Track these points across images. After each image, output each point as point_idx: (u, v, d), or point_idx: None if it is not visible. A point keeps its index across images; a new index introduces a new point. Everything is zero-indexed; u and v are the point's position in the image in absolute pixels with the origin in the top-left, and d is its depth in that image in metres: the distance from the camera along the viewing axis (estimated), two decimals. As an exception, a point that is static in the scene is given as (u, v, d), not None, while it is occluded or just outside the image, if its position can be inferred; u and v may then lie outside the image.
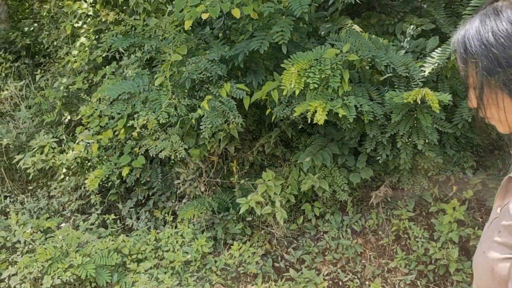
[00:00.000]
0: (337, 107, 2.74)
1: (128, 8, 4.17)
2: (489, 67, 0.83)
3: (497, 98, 0.86)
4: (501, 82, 0.83)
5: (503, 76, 0.82)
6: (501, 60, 0.81)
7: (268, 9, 2.94)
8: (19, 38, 5.99)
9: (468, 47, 0.86)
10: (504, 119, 0.88)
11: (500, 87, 0.84)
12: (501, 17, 0.83)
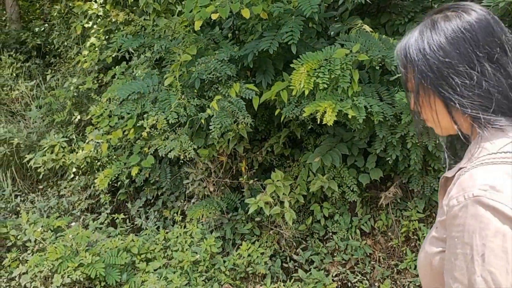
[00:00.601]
0: (347, 108, 2.73)
1: (137, 8, 4.19)
2: (423, 72, 0.94)
3: (430, 100, 0.96)
4: (433, 85, 0.93)
5: (435, 80, 0.93)
6: (433, 66, 0.92)
7: (278, 9, 2.93)
8: (30, 38, 6.05)
9: (408, 54, 0.97)
10: (437, 120, 0.98)
11: (432, 90, 0.94)
12: (436, 28, 0.94)
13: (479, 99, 0.90)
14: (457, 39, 0.91)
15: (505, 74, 0.90)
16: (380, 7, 3.67)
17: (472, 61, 0.90)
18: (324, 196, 3.54)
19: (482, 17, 0.93)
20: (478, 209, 0.83)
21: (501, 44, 0.91)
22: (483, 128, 0.92)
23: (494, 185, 0.84)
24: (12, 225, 3.48)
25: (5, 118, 5.05)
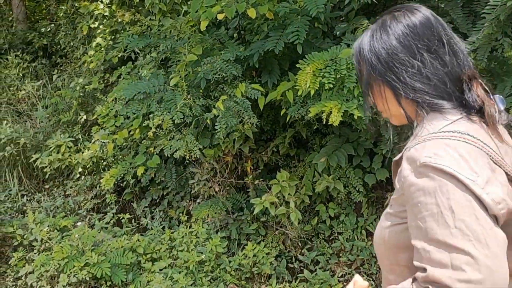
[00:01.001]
0: (353, 108, 2.71)
1: (143, 8, 4.20)
2: (373, 64, 1.07)
3: (380, 89, 1.09)
4: (381, 75, 1.06)
5: (382, 70, 1.05)
6: (381, 58, 1.05)
7: (284, 9, 2.93)
8: (36, 38, 6.08)
9: (361, 51, 1.11)
10: (387, 108, 1.11)
11: (381, 80, 1.07)
12: (385, 27, 1.07)
13: (420, 85, 1.03)
14: (401, 34, 1.04)
15: (442, 63, 1.03)
16: (386, 7, 3.66)
17: (413, 52, 1.03)
18: (330, 197, 3.53)
19: (423, 15, 1.06)
20: (431, 171, 0.92)
21: (439, 37, 1.04)
22: (425, 112, 1.04)
23: (437, 152, 0.93)
24: (19, 224, 3.50)
25: (11, 118, 5.08)
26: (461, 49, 1.07)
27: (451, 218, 0.87)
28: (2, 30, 6.21)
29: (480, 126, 1.01)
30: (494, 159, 0.96)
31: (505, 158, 1.01)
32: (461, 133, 0.96)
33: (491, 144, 0.98)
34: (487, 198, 0.89)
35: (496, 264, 0.85)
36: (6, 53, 5.87)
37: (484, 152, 0.96)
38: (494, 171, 0.95)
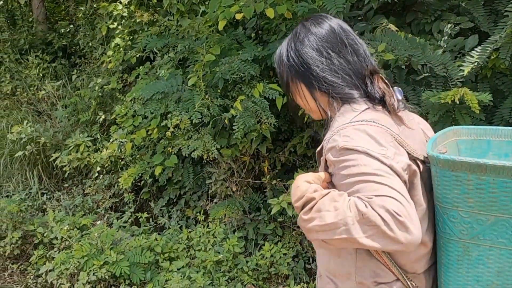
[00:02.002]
0: (372, 108, 2.70)
1: (161, 9, 4.22)
2: (290, 66, 1.26)
3: (298, 88, 1.27)
4: (297, 74, 1.25)
5: (298, 70, 1.24)
6: (296, 60, 1.24)
7: (302, 9, 2.91)
8: (56, 39, 6.17)
9: (281, 56, 1.30)
10: (307, 104, 1.29)
11: (298, 79, 1.26)
12: (298, 34, 1.26)
13: (330, 77, 1.21)
14: (311, 39, 1.23)
15: (346, 61, 1.22)
16: (405, 6, 3.62)
17: (321, 52, 1.22)
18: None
19: (328, 24, 1.25)
20: (348, 151, 1.08)
21: (342, 41, 1.23)
22: (336, 104, 1.22)
23: (350, 135, 1.10)
24: (39, 222, 3.55)
25: (32, 118, 5.16)
26: (363, 49, 1.26)
27: (377, 182, 1.02)
28: (23, 31, 6.31)
29: (383, 114, 1.19)
30: (397, 140, 1.14)
31: (407, 140, 1.18)
32: (367, 121, 1.14)
33: (394, 128, 1.17)
34: (397, 167, 1.06)
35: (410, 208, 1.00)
36: (26, 54, 5.96)
37: (389, 133, 1.13)
38: (398, 149, 1.12)
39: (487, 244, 1.08)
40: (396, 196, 0.99)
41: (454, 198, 1.09)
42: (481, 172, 1.04)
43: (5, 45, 5.98)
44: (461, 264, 1.12)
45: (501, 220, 1.04)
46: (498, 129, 1.33)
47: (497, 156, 1.33)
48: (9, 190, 4.58)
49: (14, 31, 6.35)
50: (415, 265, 1.17)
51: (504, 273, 1.08)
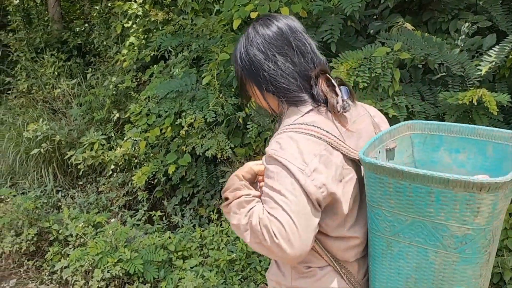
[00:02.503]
0: (388, 107, 2.67)
1: (176, 8, 4.24)
2: (242, 67, 1.30)
3: (251, 88, 1.32)
4: (249, 76, 1.29)
5: (249, 71, 1.28)
6: (247, 62, 1.28)
7: (317, 8, 2.90)
8: (71, 38, 6.22)
9: (236, 57, 1.33)
10: (260, 102, 1.34)
11: (250, 80, 1.30)
12: (248, 36, 1.30)
13: (277, 79, 1.25)
14: (259, 42, 1.26)
15: (292, 63, 1.25)
16: (422, 5, 3.58)
17: (267, 55, 1.25)
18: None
19: (276, 24, 1.28)
20: (273, 160, 1.17)
21: (289, 43, 1.25)
22: (284, 105, 1.27)
23: (281, 145, 1.18)
24: (54, 219, 3.59)
25: (47, 116, 5.21)
26: (310, 49, 1.28)
27: (279, 194, 1.14)
28: (39, 29, 6.37)
29: (325, 116, 1.24)
30: (333, 145, 1.20)
31: (348, 140, 1.25)
32: (307, 125, 1.20)
33: (334, 130, 1.23)
34: (310, 185, 1.14)
35: (295, 233, 1.11)
36: (42, 52, 6.02)
37: (323, 140, 1.19)
38: (332, 154, 1.19)
39: (406, 241, 1.17)
40: (284, 220, 1.11)
41: (378, 198, 1.18)
42: (399, 177, 1.11)
43: (21, 44, 6.04)
44: (385, 258, 1.22)
45: (417, 221, 1.13)
46: (451, 125, 1.38)
47: (448, 151, 1.39)
48: (24, 187, 4.64)
49: (30, 30, 6.42)
50: (346, 254, 1.28)
51: (421, 268, 1.17)
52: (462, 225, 1.08)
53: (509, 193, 1.09)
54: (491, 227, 1.09)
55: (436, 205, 1.09)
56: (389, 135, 1.35)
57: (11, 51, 6.16)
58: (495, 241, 1.16)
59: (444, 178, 1.04)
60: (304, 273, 1.29)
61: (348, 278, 1.29)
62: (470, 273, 1.13)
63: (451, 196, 1.06)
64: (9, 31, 6.35)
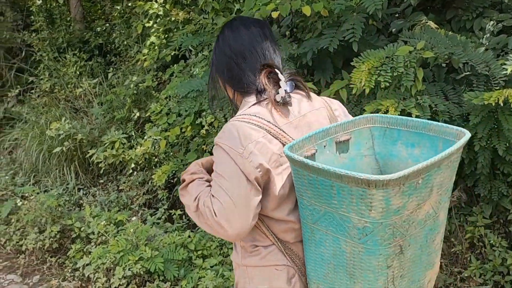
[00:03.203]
0: (410, 107, 2.63)
1: (196, 7, 4.25)
2: (212, 64, 1.50)
3: (220, 82, 1.50)
4: (218, 72, 1.49)
5: (217, 69, 1.48)
6: (215, 61, 1.48)
7: (339, 7, 2.87)
8: (92, 37, 6.30)
9: (212, 55, 1.51)
10: (224, 92, 1.51)
11: (218, 75, 1.49)
12: (217, 41, 1.47)
13: (235, 81, 1.43)
14: (223, 44, 1.44)
15: (246, 62, 1.41)
16: (445, 3, 3.52)
17: (231, 57, 1.42)
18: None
19: (240, 28, 1.44)
20: (217, 147, 1.34)
21: (251, 45, 1.41)
22: (239, 97, 1.46)
23: (224, 132, 1.34)
24: (76, 217, 3.64)
25: (69, 115, 5.29)
26: (262, 47, 1.42)
27: (220, 179, 1.29)
28: (61, 29, 6.47)
29: (266, 108, 1.37)
30: (272, 133, 1.33)
31: (291, 131, 1.37)
32: (250, 115, 1.35)
33: (275, 121, 1.35)
34: (248, 166, 1.27)
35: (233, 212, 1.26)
36: (64, 52, 6.11)
37: (263, 129, 1.32)
38: (270, 142, 1.32)
39: (323, 230, 1.25)
40: (224, 200, 1.26)
41: (299, 188, 1.28)
42: (308, 171, 1.19)
43: (44, 44, 6.14)
44: (311, 243, 1.32)
45: (328, 212, 1.21)
46: (408, 120, 1.41)
47: (405, 145, 1.43)
48: (47, 185, 4.71)
49: (52, 30, 6.52)
50: (286, 236, 1.39)
51: (337, 256, 1.24)
52: (361, 218, 1.13)
53: (410, 190, 1.11)
54: (390, 221, 1.12)
55: (337, 198, 1.15)
56: (341, 128, 1.41)
57: (35, 51, 6.27)
58: (412, 236, 1.19)
59: (339, 173, 1.10)
60: (251, 251, 1.41)
61: (292, 258, 1.40)
62: (375, 264, 1.17)
63: (348, 190, 1.12)
64: (32, 31, 6.46)
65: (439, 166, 1.15)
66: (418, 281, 1.30)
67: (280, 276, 1.39)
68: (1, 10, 6.76)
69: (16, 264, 3.69)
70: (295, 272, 1.40)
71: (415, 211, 1.16)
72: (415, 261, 1.24)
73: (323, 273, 1.31)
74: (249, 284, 1.44)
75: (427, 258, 1.28)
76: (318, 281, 1.34)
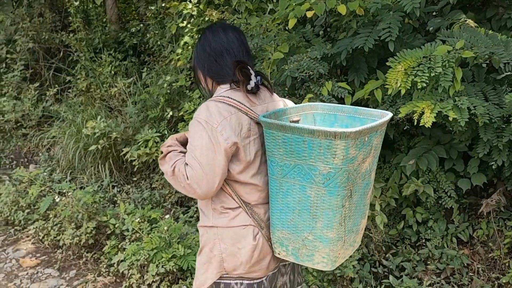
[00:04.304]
0: (447, 109, 2.56)
1: (229, 7, 4.27)
2: (196, 60, 1.75)
3: (200, 74, 1.76)
4: (199, 65, 1.74)
5: (198, 63, 1.74)
6: (197, 57, 1.74)
7: (375, 5, 2.83)
8: (127, 38, 6.41)
9: (194, 53, 1.78)
10: (203, 84, 1.77)
11: (198, 68, 1.75)
12: (200, 40, 1.74)
13: (214, 73, 1.70)
14: (204, 43, 1.71)
15: (222, 58, 1.68)
16: (485, 1, 3.42)
17: (210, 54, 1.69)
18: (417, 201, 3.37)
19: (219, 31, 1.71)
20: (195, 122, 1.59)
21: (228, 46, 1.68)
22: (215, 86, 1.73)
23: (200, 109, 1.61)
24: (111, 214, 3.71)
25: (105, 113, 5.40)
26: (237, 48, 1.69)
27: (193, 149, 1.57)
28: (97, 30, 6.62)
29: (240, 93, 1.65)
30: (242, 111, 1.61)
31: (256, 111, 1.65)
32: (223, 96, 1.62)
33: (244, 102, 1.63)
34: (219, 137, 1.54)
35: (202, 177, 1.54)
36: (100, 52, 6.25)
37: (233, 107, 1.60)
38: (240, 118, 1.60)
39: (291, 181, 1.55)
40: (195, 166, 1.54)
41: (272, 149, 1.57)
42: (284, 131, 1.50)
43: (81, 44, 6.30)
44: (278, 195, 1.60)
45: (298, 164, 1.52)
46: (342, 107, 1.81)
47: (340, 127, 1.78)
48: (83, 181, 4.83)
49: (89, 31, 6.68)
50: (250, 197, 1.65)
51: (302, 201, 1.54)
52: (326, 165, 1.46)
53: (360, 145, 1.46)
54: (347, 167, 1.47)
55: (308, 151, 1.47)
56: (294, 111, 1.78)
57: (72, 51, 6.44)
58: (357, 184, 1.55)
59: (311, 129, 1.43)
60: (221, 213, 1.65)
61: (254, 217, 1.65)
62: (334, 203, 1.50)
63: (317, 143, 1.44)
64: (70, 32, 6.64)
65: (376, 130, 1.54)
66: (358, 225, 1.66)
67: (247, 234, 1.64)
68: (41, 11, 6.97)
69: (54, 259, 3.79)
70: (258, 230, 1.65)
71: (361, 164, 1.52)
72: (357, 206, 1.60)
73: (288, 219, 1.59)
74: (219, 244, 1.66)
75: (363, 208, 1.66)
76: (282, 228, 1.62)
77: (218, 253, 1.66)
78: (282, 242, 1.64)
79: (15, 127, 6.23)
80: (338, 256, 1.60)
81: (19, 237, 4.18)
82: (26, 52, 6.55)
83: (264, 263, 1.68)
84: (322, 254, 1.57)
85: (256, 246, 1.64)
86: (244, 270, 1.65)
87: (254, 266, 1.66)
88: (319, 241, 1.55)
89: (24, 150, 6.10)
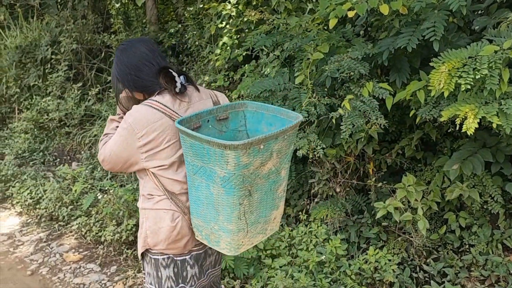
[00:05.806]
0: (491, 114, 2.44)
1: (268, 7, 4.27)
2: (114, 75, 1.94)
3: (129, 93, 1.94)
4: (122, 81, 1.92)
5: (119, 78, 1.92)
6: (117, 74, 1.92)
7: (419, 4, 2.76)
8: (166, 38, 6.51)
9: (114, 73, 1.94)
10: (136, 98, 1.95)
11: (125, 86, 1.92)
12: (116, 58, 1.92)
13: (141, 87, 1.89)
14: (118, 63, 1.90)
15: (145, 73, 1.86)
16: (535, -3, 3.27)
17: (129, 73, 1.87)
18: (460, 205, 3.28)
19: (127, 49, 1.89)
20: (126, 117, 1.81)
21: (143, 59, 1.86)
22: (146, 95, 1.91)
23: (131, 110, 1.81)
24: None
25: (144, 113, 5.50)
26: (153, 58, 1.87)
27: (114, 139, 1.86)
28: (137, 31, 6.76)
29: (167, 97, 1.84)
30: (166, 114, 1.79)
31: (179, 112, 1.83)
32: (152, 100, 1.82)
33: (170, 106, 1.82)
34: (136, 144, 1.79)
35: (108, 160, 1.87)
36: (140, 53, 6.36)
37: (158, 110, 1.79)
38: (162, 119, 1.78)
39: (200, 179, 1.74)
40: (108, 148, 1.86)
41: (185, 150, 1.75)
42: (189, 137, 1.68)
43: (122, 45, 6.43)
44: (192, 189, 1.81)
45: (202, 166, 1.70)
46: (268, 106, 1.95)
47: (266, 124, 1.96)
48: (123, 179, 4.94)
49: (129, 32, 6.83)
50: (173, 188, 1.86)
51: (208, 197, 1.73)
52: (222, 169, 1.63)
53: (254, 153, 1.61)
54: (240, 172, 1.62)
55: (207, 156, 1.65)
56: (221, 110, 1.93)
57: (113, 52, 6.60)
58: (258, 184, 1.72)
59: (206, 139, 1.60)
60: (148, 198, 1.91)
61: (178, 204, 1.87)
62: (231, 201, 1.67)
63: (213, 151, 1.61)
64: (111, 33, 6.80)
65: (276, 138, 1.67)
66: (265, 217, 1.84)
67: (166, 217, 1.87)
68: (84, 14, 7.17)
69: (96, 254, 3.90)
70: (179, 215, 1.88)
71: (259, 167, 1.68)
72: (261, 202, 1.78)
73: (200, 210, 1.80)
74: (145, 223, 1.92)
75: (272, 201, 1.84)
76: (197, 216, 1.83)
77: (144, 230, 1.93)
78: (198, 227, 1.86)
79: (59, 126, 6.44)
80: (241, 243, 1.80)
81: (62, 232, 4.32)
82: (69, 53, 6.75)
83: (182, 242, 1.91)
84: (225, 242, 1.78)
85: (174, 228, 1.87)
86: (163, 247, 1.90)
87: (172, 244, 1.90)
88: (222, 231, 1.76)
89: (67, 148, 6.30)
